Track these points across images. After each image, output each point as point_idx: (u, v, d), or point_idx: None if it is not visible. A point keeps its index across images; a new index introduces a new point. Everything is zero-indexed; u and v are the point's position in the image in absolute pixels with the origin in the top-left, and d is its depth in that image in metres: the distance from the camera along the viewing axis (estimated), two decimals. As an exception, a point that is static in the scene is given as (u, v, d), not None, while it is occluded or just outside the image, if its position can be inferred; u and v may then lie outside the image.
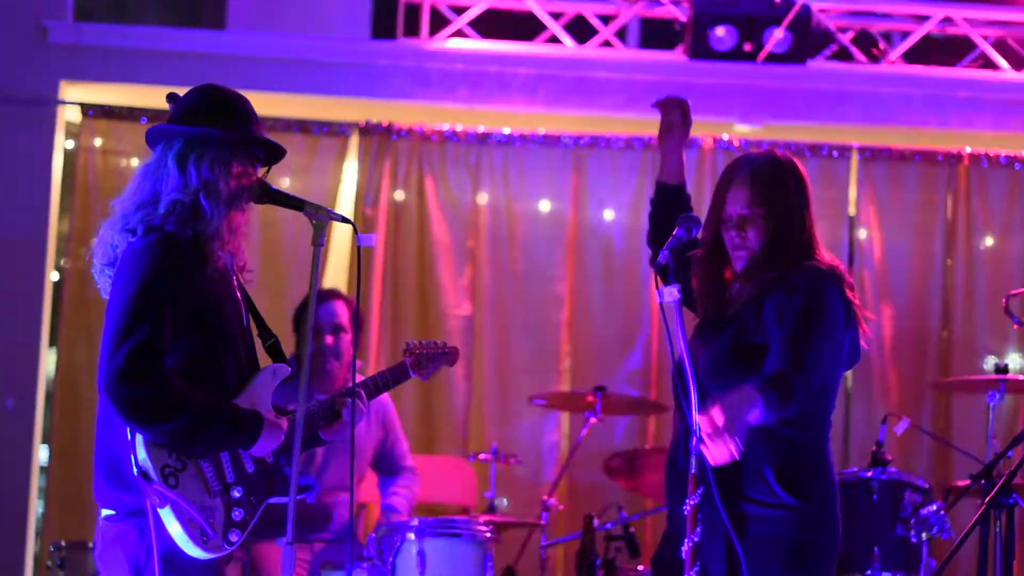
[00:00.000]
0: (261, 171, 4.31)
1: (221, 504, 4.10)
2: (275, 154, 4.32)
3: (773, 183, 4.45)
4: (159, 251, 4.07)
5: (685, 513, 3.88)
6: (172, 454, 4.04)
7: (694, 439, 3.92)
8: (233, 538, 4.10)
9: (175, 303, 4.05)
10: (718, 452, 3.91)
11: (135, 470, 4.00)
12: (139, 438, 4.01)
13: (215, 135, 4.17)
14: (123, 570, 4.09)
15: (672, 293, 4.03)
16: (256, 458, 4.22)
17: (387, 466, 7.08)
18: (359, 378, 4.88)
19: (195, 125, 4.18)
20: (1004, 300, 6.14)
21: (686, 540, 3.84)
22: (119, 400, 3.97)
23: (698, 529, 3.84)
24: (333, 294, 6.96)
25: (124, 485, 4.08)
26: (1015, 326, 7.14)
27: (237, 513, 4.12)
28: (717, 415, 3.89)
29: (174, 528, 4.01)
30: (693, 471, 3.90)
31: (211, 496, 4.08)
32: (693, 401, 3.93)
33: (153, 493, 3.97)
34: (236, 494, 4.13)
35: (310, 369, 4.17)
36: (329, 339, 6.80)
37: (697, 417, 3.91)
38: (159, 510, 3.98)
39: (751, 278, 4.40)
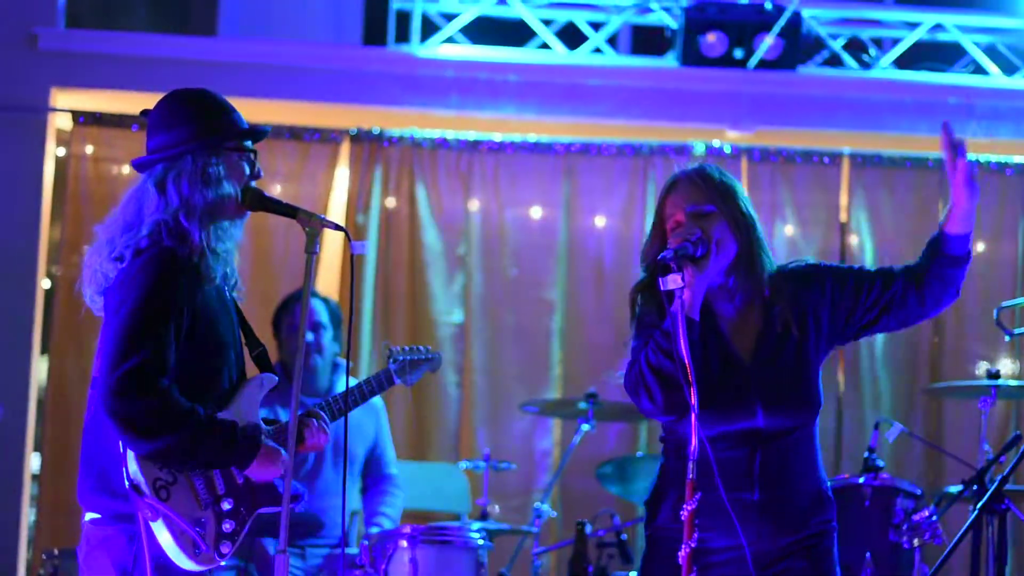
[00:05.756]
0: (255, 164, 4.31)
1: (212, 516, 4.10)
2: (257, 133, 4.32)
3: None
4: (157, 266, 4.07)
5: (682, 519, 3.86)
6: (163, 467, 4.04)
7: (692, 445, 3.90)
8: (224, 550, 4.11)
9: (173, 317, 4.05)
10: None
11: (126, 483, 4.00)
12: (131, 452, 4.01)
13: (179, 149, 4.16)
14: (108, 574, 4.08)
15: (676, 280, 3.94)
16: None
17: (371, 471, 7.06)
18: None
19: (163, 139, 4.19)
20: (996, 313, 6.10)
21: (683, 546, 3.83)
22: (117, 417, 3.97)
23: (695, 535, 3.83)
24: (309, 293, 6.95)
25: (111, 493, 4.08)
26: (1007, 339, 7.14)
27: (228, 525, 4.13)
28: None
29: (165, 540, 4.01)
30: (691, 476, 3.88)
31: (202, 508, 4.09)
32: (694, 400, 3.91)
33: (145, 506, 3.98)
34: (226, 506, 4.14)
35: (294, 367, 4.15)
36: (308, 335, 6.80)
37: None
38: (151, 523, 3.99)
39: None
